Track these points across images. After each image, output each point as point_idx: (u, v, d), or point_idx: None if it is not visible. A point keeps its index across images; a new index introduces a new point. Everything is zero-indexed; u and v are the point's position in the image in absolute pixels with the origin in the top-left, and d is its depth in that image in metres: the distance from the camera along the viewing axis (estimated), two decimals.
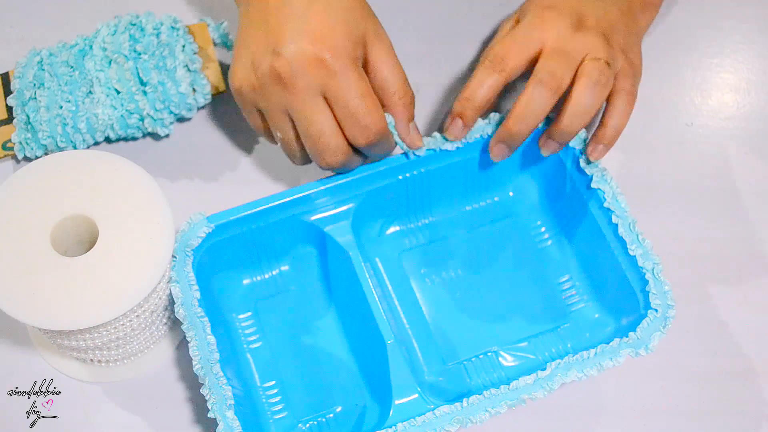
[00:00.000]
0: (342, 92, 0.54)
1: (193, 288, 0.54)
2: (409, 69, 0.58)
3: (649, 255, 0.55)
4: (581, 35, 0.56)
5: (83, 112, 0.60)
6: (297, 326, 0.59)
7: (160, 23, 0.62)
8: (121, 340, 0.54)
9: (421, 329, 0.59)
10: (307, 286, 0.61)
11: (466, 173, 0.61)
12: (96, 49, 0.62)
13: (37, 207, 0.51)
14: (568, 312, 0.60)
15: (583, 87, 0.55)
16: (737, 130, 0.69)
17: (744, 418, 0.59)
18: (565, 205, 0.61)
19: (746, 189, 0.66)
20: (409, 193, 0.61)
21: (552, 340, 0.59)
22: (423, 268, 0.61)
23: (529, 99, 0.55)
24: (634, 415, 0.58)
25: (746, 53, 0.72)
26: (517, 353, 0.58)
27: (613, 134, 0.57)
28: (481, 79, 0.56)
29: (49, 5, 0.70)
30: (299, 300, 0.60)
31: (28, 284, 0.48)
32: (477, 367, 0.58)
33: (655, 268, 0.54)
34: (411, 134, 0.58)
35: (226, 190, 0.64)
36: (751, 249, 0.64)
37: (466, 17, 0.72)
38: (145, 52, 0.61)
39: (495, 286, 0.61)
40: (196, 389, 0.58)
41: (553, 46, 0.56)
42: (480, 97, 0.56)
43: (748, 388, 0.60)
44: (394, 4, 0.70)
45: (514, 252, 0.62)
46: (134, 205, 0.51)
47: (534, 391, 0.52)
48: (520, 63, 0.56)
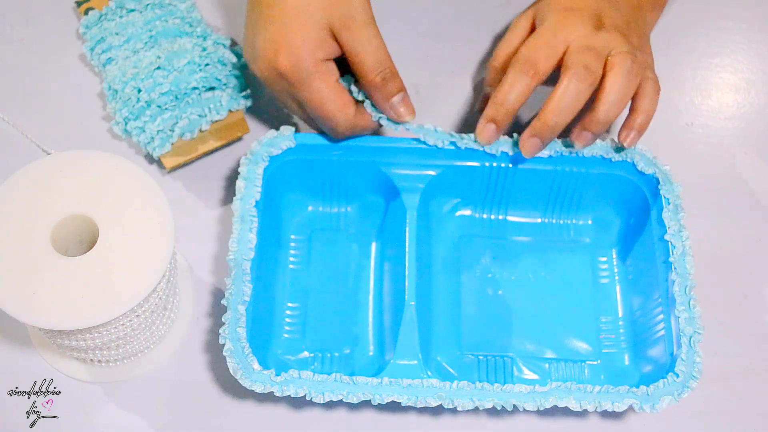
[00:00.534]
0: (305, 101, 0.56)
1: (255, 189, 0.57)
2: (409, 69, 0.58)
3: (693, 322, 0.54)
4: (604, 33, 0.58)
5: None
6: (338, 265, 0.62)
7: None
8: (121, 340, 0.54)
9: (451, 312, 0.60)
10: (363, 233, 0.63)
11: (553, 185, 0.61)
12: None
13: (37, 207, 0.51)
14: (599, 350, 0.60)
15: (617, 75, 0.56)
16: (737, 130, 0.69)
17: (744, 418, 0.59)
18: (637, 250, 0.61)
19: (746, 189, 0.66)
20: (490, 183, 0.61)
21: (573, 370, 0.59)
22: (476, 258, 0.62)
23: (565, 91, 0.56)
24: (635, 415, 0.58)
25: (746, 53, 0.72)
26: (534, 369, 0.59)
27: (645, 120, 0.58)
28: (513, 83, 0.57)
29: (49, 5, 0.70)
30: (350, 242, 0.62)
31: (28, 284, 0.48)
32: (490, 366, 0.58)
33: (693, 337, 0.54)
34: (392, 110, 0.58)
35: (227, 189, 0.64)
36: (750, 249, 0.64)
37: (466, 17, 0.72)
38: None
39: (538, 301, 0.61)
40: (196, 389, 0.58)
41: (580, 44, 0.57)
42: (512, 101, 0.57)
43: (748, 388, 0.60)
44: (394, 4, 0.70)
45: (569, 277, 0.62)
46: (134, 205, 0.51)
47: (525, 402, 0.52)
48: (549, 65, 0.57)
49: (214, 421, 0.57)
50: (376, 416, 0.57)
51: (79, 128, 0.66)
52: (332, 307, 0.60)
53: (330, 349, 0.59)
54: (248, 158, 0.58)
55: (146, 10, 0.66)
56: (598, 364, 0.59)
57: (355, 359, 0.58)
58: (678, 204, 0.58)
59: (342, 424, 0.57)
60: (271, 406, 0.58)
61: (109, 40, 0.65)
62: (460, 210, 0.63)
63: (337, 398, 0.52)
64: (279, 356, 0.58)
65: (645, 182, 0.60)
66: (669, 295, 0.56)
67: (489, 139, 0.59)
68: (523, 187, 0.61)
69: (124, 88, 0.62)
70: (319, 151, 0.59)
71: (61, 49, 0.68)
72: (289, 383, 0.52)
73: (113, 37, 0.65)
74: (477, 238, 0.63)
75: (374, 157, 0.60)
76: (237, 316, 0.53)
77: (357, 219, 0.63)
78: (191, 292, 0.61)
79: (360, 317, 0.60)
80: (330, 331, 0.59)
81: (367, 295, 0.61)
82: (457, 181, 0.61)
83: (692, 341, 0.54)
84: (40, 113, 0.66)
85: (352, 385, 0.52)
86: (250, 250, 0.55)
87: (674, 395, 0.52)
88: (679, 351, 0.54)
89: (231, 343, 0.52)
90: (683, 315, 0.55)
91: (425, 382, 0.52)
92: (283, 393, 0.51)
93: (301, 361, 0.58)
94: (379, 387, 0.52)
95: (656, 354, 0.56)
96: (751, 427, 0.59)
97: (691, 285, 0.55)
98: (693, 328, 0.54)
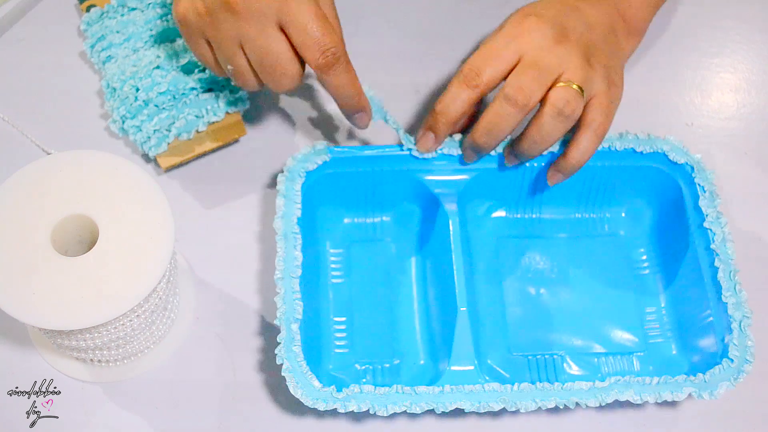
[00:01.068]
0: (298, 15, 0.52)
1: (295, 206, 0.57)
2: (409, 69, 0.58)
3: (741, 306, 0.55)
4: (561, 48, 0.55)
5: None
6: (380, 275, 0.61)
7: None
8: (121, 340, 0.54)
9: (497, 314, 0.60)
10: (401, 241, 0.63)
11: (585, 181, 0.62)
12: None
13: (37, 207, 0.51)
14: (645, 341, 0.60)
15: (545, 115, 0.54)
16: (737, 130, 0.69)
17: (744, 418, 0.59)
18: (673, 240, 0.61)
19: (746, 189, 0.66)
20: (523, 183, 0.61)
21: (621, 363, 0.59)
22: (515, 258, 0.62)
23: (494, 114, 0.54)
24: (635, 416, 0.58)
25: (746, 53, 0.72)
26: (583, 364, 0.59)
27: (572, 168, 0.57)
28: (454, 93, 0.56)
29: (51, 2, 0.70)
30: (390, 252, 0.63)
31: (28, 284, 0.48)
32: (540, 365, 0.59)
33: (743, 321, 0.54)
34: (337, 79, 0.54)
35: (227, 189, 0.64)
36: (750, 249, 0.64)
37: (466, 17, 0.72)
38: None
39: (581, 297, 0.61)
40: (196, 389, 0.58)
41: (530, 58, 0.54)
42: (453, 112, 0.56)
43: (748, 388, 0.60)
44: (394, 4, 0.70)
45: (609, 271, 0.62)
46: (134, 205, 0.51)
47: (587, 399, 0.52)
48: (495, 77, 0.55)
49: (215, 421, 0.57)
50: (436, 423, 0.57)
51: (79, 127, 0.66)
52: (378, 319, 0.60)
53: (380, 360, 0.59)
54: (285, 175, 0.58)
55: (148, 8, 0.66)
56: (645, 355, 0.59)
57: (406, 369, 0.58)
58: (713, 191, 0.58)
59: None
60: (271, 406, 0.58)
61: (109, 38, 0.65)
62: (495, 212, 0.64)
63: (401, 410, 0.51)
64: (331, 372, 0.58)
65: (677, 172, 0.60)
66: (714, 283, 0.56)
67: (427, 148, 0.58)
68: (557, 185, 0.61)
69: (123, 86, 0.62)
70: (354, 163, 0.60)
71: (61, 48, 0.68)
72: (351, 399, 0.52)
73: (114, 35, 0.65)
74: (514, 239, 0.63)
75: (409, 165, 0.60)
76: (291, 335, 0.53)
77: (394, 228, 0.63)
78: (191, 292, 0.61)
79: (407, 327, 0.60)
80: (378, 342, 0.59)
81: (412, 304, 0.61)
82: (491, 183, 0.61)
83: (742, 325, 0.54)
84: (40, 112, 0.66)
85: (415, 395, 0.52)
86: (297, 268, 0.55)
87: (731, 380, 0.53)
88: (731, 336, 0.54)
89: (288, 363, 0.52)
90: (730, 300, 0.55)
91: (486, 387, 0.52)
92: (346, 409, 0.51)
93: (353, 374, 0.58)
94: (441, 395, 0.52)
95: (704, 341, 0.57)
96: (750, 428, 0.59)
97: (735, 270, 0.56)
98: (741, 312, 0.55)
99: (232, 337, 0.59)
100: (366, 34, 0.69)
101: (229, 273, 0.61)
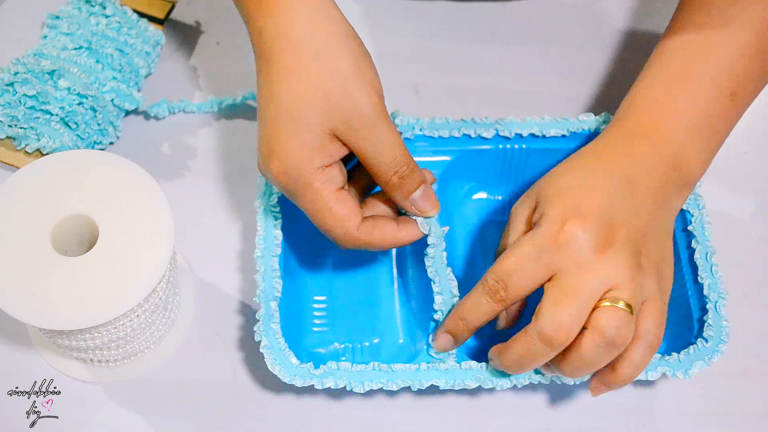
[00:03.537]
0: (304, 210, 0.51)
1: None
2: (409, 69, 0.58)
3: (716, 287, 0.55)
4: (605, 259, 0.47)
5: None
6: (362, 255, 0.61)
7: None
8: (121, 340, 0.54)
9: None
10: None
11: None
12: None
13: (37, 207, 0.51)
14: None
15: (592, 344, 0.47)
16: (737, 130, 0.68)
17: (744, 418, 0.59)
18: None
19: (746, 189, 0.66)
20: (505, 164, 0.61)
21: None
22: (495, 240, 0.61)
23: (527, 350, 0.48)
24: (635, 415, 0.58)
25: None
26: None
27: (621, 384, 0.50)
28: (477, 302, 0.51)
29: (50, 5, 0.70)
30: None
31: (28, 284, 0.48)
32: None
33: (719, 302, 0.54)
34: (413, 207, 0.53)
35: (228, 189, 0.64)
36: (750, 249, 0.64)
37: (466, 17, 0.72)
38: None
39: None
40: (196, 389, 0.58)
41: (569, 282, 0.47)
42: (475, 320, 0.51)
43: (748, 388, 0.60)
44: (394, 4, 0.70)
45: None
46: (134, 205, 0.51)
47: (562, 377, 0.52)
48: (522, 294, 0.50)
49: (214, 421, 0.57)
50: (413, 400, 0.58)
51: None
52: (357, 298, 0.60)
53: (359, 339, 0.59)
54: None
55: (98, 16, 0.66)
56: None
57: (385, 348, 0.59)
58: None
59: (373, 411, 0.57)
60: (273, 404, 0.58)
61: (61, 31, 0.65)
62: (476, 194, 0.64)
63: (377, 387, 0.52)
64: (310, 349, 0.58)
65: None
66: (691, 263, 0.56)
67: (444, 349, 0.54)
68: (539, 166, 0.61)
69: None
70: None
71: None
72: (328, 375, 0.52)
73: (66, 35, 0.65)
74: (495, 221, 0.63)
75: None
76: (270, 312, 0.53)
77: None
78: (191, 292, 0.61)
79: (386, 306, 0.60)
80: (357, 321, 0.60)
81: (391, 285, 0.61)
82: (471, 164, 0.61)
83: (717, 306, 0.54)
84: None
85: (391, 372, 0.52)
86: (276, 246, 0.55)
87: (705, 360, 0.53)
88: (705, 316, 0.54)
89: (267, 339, 0.53)
90: (706, 281, 0.55)
91: (463, 365, 0.53)
92: (323, 385, 0.52)
93: (332, 353, 0.59)
94: (417, 373, 0.53)
95: (680, 322, 0.56)
96: (750, 428, 0.59)
97: (712, 251, 0.56)
98: (717, 293, 0.55)
99: (232, 337, 0.59)
100: (366, 34, 0.69)
101: (229, 273, 0.61)
